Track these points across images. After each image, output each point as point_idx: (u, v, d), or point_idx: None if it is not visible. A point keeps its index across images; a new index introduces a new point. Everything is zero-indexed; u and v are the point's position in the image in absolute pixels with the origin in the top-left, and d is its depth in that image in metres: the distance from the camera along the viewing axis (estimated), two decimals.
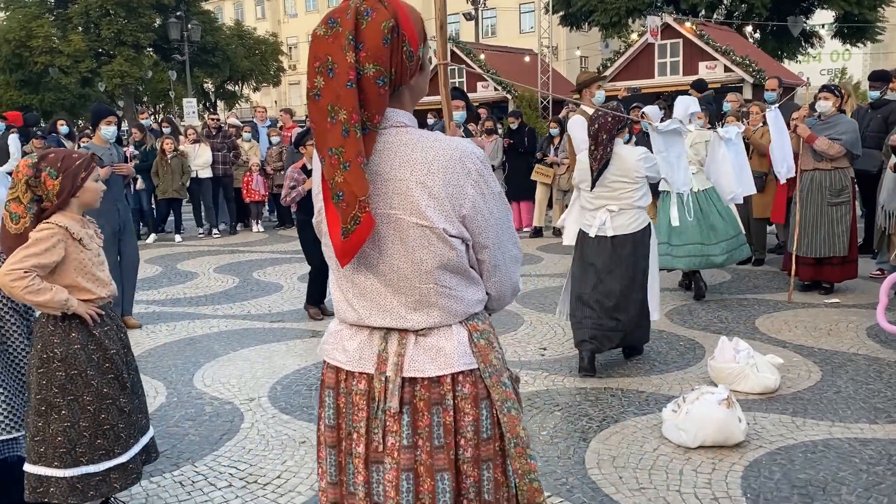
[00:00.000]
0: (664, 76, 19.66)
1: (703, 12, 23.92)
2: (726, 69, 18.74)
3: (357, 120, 1.52)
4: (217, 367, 5.14)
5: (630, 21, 25.04)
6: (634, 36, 22.03)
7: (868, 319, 5.74)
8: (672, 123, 5.39)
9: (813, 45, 27.12)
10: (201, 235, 11.49)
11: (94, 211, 3.05)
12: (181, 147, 11.09)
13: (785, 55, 26.57)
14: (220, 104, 41.65)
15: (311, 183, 3.56)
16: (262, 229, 11.93)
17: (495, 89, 21.55)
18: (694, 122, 6.48)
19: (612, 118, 4.66)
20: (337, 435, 1.76)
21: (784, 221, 7.68)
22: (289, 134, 11.67)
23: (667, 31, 19.55)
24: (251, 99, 44.76)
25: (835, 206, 6.40)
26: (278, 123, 13.02)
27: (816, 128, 6.43)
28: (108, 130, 6.25)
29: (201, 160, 11.13)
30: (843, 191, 6.42)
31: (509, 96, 21.06)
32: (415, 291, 1.64)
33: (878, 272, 7.14)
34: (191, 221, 12.06)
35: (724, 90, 14.32)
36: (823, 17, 25.54)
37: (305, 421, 4.13)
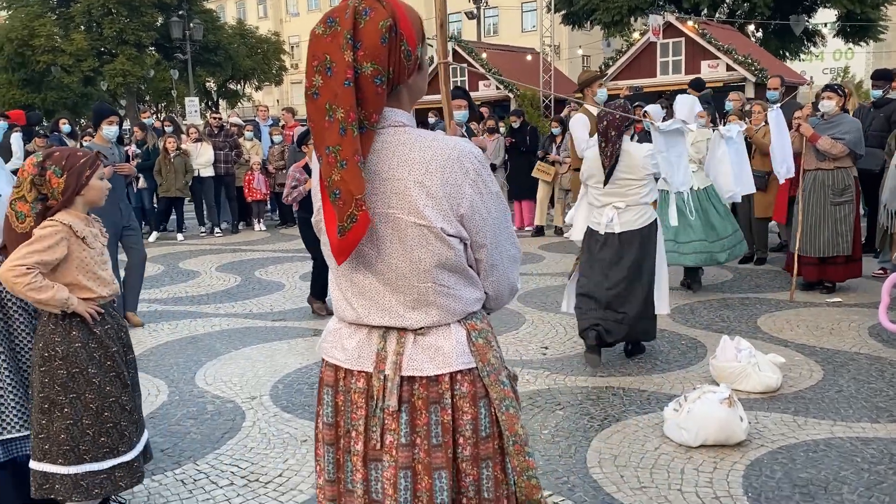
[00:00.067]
0: (666, 75, 19.59)
1: (705, 11, 23.87)
2: (728, 68, 18.69)
3: (354, 118, 1.53)
4: (219, 366, 5.15)
5: (632, 20, 24.99)
6: (636, 35, 21.95)
7: (870, 319, 5.73)
8: (674, 123, 5.39)
9: (815, 44, 27.04)
10: (203, 234, 11.50)
11: (96, 210, 3.06)
12: (183, 146, 11.10)
13: (787, 54, 26.52)
14: (223, 103, 41.66)
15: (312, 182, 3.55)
16: (263, 228, 11.94)
17: (497, 88, 21.52)
18: (696, 122, 6.48)
19: (621, 115, 4.74)
20: (335, 433, 1.77)
21: (785, 220, 7.69)
22: (291, 133, 11.68)
23: (669, 29, 19.50)
24: (253, 98, 44.78)
25: (838, 206, 6.40)
26: (280, 122, 13.04)
27: (819, 127, 6.43)
28: (109, 130, 6.26)
29: (203, 159, 11.14)
30: (846, 190, 6.41)
31: (511, 95, 21.03)
32: (413, 290, 1.65)
33: (880, 271, 7.13)
34: (193, 220, 12.07)
35: (727, 89, 14.31)
36: (826, 15, 25.48)
37: (307, 419, 4.13)
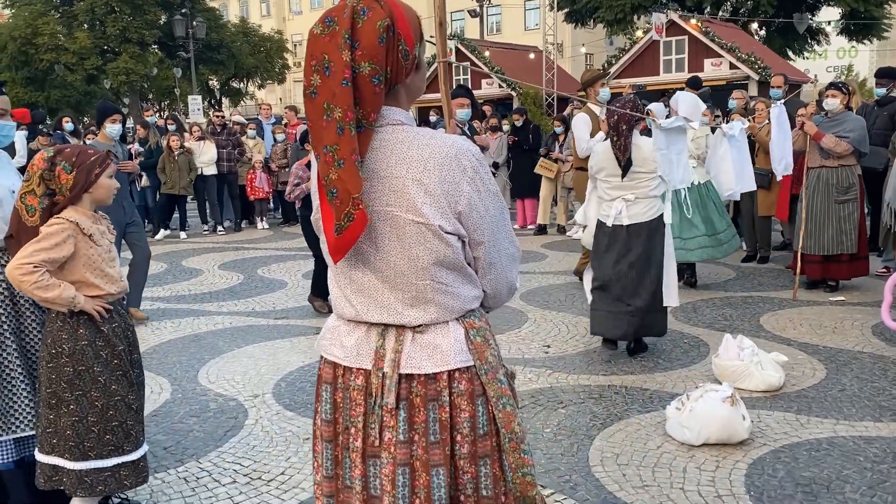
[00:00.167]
0: (669, 73, 19.55)
1: (708, 9, 23.84)
2: (732, 66, 18.65)
3: (352, 118, 1.54)
4: (221, 364, 5.16)
5: (635, 18, 24.95)
6: (639, 33, 21.92)
7: (873, 317, 5.72)
8: (677, 121, 5.38)
9: (819, 42, 26.98)
10: (206, 232, 11.52)
11: (100, 208, 3.06)
12: (186, 144, 11.11)
13: (791, 52, 26.46)
14: (225, 101, 41.69)
15: None
16: (266, 226, 11.96)
17: (500, 86, 21.50)
18: (701, 120, 6.48)
19: (632, 109, 4.81)
20: (333, 429, 1.78)
21: (787, 218, 7.69)
22: (293, 131, 11.68)
23: (672, 28, 19.48)
24: (256, 96, 44.80)
25: (842, 204, 6.39)
26: (283, 120, 13.04)
27: (824, 125, 6.43)
28: (112, 128, 6.27)
29: (206, 157, 11.15)
30: (851, 188, 6.40)
31: (514, 93, 21.03)
32: (411, 288, 1.65)
33: (883, 270, 7.12)
34: (196, 218, 12.09)
35: (730, 87, 14.28)
36: (829, 13, 25.42)
37: (309, 417, 4.13)
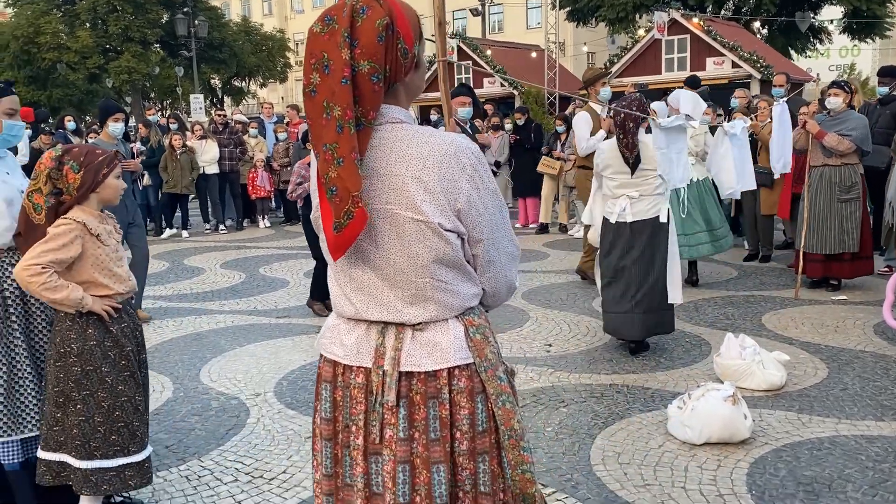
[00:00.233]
0: (671, 72, 19.53)
1: (710, 8, 23.81)
2: (734, 65, 18.64)
3: (351, 116, 1.54)
4: (223, 363, 5.16)
5: (637, 16, 24.94)
6: (641, 32, 21.90)
7: (875, 316, 5.71)
8: (677, 119, 5.37)
9: (821, 41, 26.96)
10: (208, 231, 11.53)
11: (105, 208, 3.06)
12: (188, 143, 11.11)
13: (793, 51, 26.43)
14: (227, 100, 41.72)
15: None
16: (268, 225, 11.96)
17: (502, 85, 21.51)
18: (702, 119, 6.48)
19: (638, 107, 4.85)
20: (333, 428, 1.79)
21: (788, 216, 7.68)
22: (295, 130, 11.68)
23: (674, 26, 19.46)
24: (258, 95, 44.82)
25: (844, 203, 6.39)
26: (285, 119, 13.04)
27: (826, 124, 6.42)
28: (115, 127, 6.28)
29: (208, 156, 11.15)
30: (853, 187, 6.39)
31: (516, 92, 21.03)
32: (411, 286, 1.66)
33: (886, 269, 7.11)
34: (197, 217, 12.10)
35: (732, 86, 14.27)
36: (832, 12, 25.38)
37: (311, 416, 4.13)
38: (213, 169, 11.19)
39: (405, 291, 1.67)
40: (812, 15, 23.59)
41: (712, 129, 6.84)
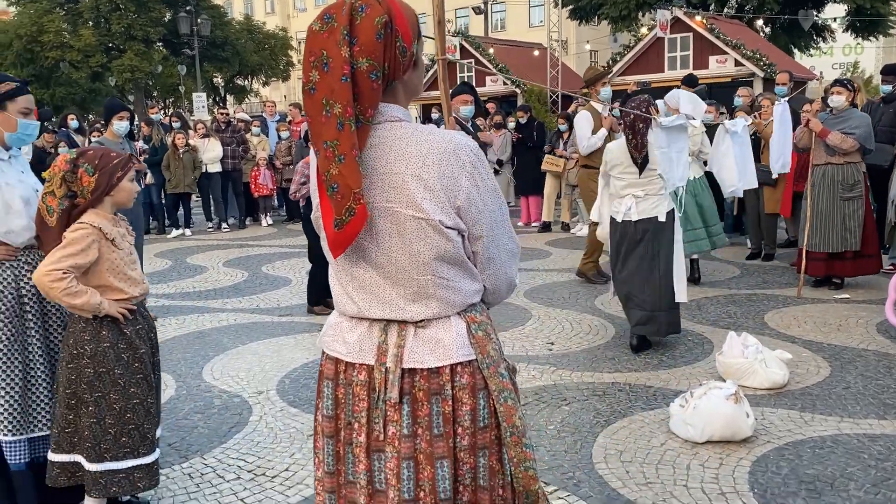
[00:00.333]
0: (674, 70, 19.47)
1: (713, 6, 23.77)
2: (737, 63, 18.58)
3: (352, 114, 1.55)
4: (226, 361, 5.17)
5: (640, 15, 24.89)
6: (644, 30, 21.87)
7: (878, 315, 5.71)
8: (678, 119, 5.37)
9: (825, 39, 26.89)
10: (210, 230, 11.54)
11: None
12: (191, 141, 11.13)
13: (796, 49, 26.38)
14: (230, 99, 41.75)
15: None
16: (270, 223, 11.97)
17: (504, 83, 21.49)
18: (704, 117, 6.48)
19: (646, 108, 4.88)
20: (335, 425, 1.79)
21: (790, 215, 7.68)
22: (297, 128, 11.70)
23: (677, 24, 19.42)
24: (260, 93, 44.83)
25: (847, 201, 6.38)
26: (287, 118, 13.05)
27: (829, 122, 6.41)
28: (120, 126, 6.29)
29: (211, 155, 11.16)
30: (856, 185, 6.39)
31: (518, 90, 21.01)
32: (413, 283, 1.67)
33: (890, 267, 7.11)
34: (200, 216, 12.11)
35: (735, 84, 14.23)
36: (835, 10, 25.32)
37: (313, 414, 4.14)
38: (215, 167, 11.20)
39: (407, 289, 1.67)
40: (815, 13, 23.53)
41: (714, 127, 6.84)
